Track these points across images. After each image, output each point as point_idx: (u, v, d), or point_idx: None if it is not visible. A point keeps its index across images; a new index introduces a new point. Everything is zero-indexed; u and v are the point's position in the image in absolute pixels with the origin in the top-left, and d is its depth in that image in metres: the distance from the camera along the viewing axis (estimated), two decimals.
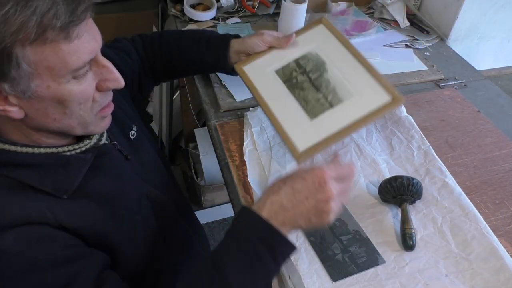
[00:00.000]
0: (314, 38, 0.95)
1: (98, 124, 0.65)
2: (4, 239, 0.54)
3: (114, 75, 0.61)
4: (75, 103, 0.58)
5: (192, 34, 1.02)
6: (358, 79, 0.85)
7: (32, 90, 0.54)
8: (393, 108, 0.81)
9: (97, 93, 0.61)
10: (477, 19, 1.36)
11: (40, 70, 0.53)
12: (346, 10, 1.45)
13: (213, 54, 0.97)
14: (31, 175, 0.60)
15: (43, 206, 0.59)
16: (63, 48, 0.53)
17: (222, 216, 1.96)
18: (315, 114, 0.84)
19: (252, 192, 0.83)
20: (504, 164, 0.93)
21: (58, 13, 0.50)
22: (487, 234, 0.75)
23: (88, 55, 0.56)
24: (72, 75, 0.55)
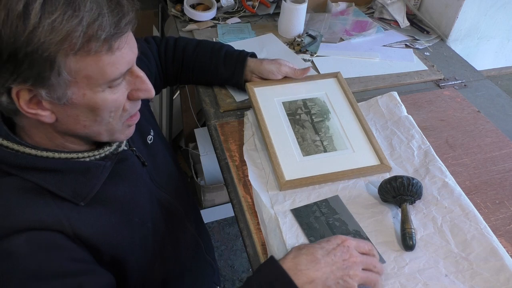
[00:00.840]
0: (326, 87, 1.02)
1: (124, 132, 0.66)
2: (14, 240, 0.54)
3: (147, 86, 0.62)
4: (107, 111, 0.59)
5: (209, 45, 1.04)
6: (356, 137, 0.91)
7: (68, 97, 0.54)
8: (378, 172, 0.86)
9: (127, 102, 0.62)
10: (477, 19, 1.36)
11: (78, 79, 0.53)
12: (346, 10, 1.45)
13: (228, 69, 1.00)
14: (51, 180, 0.60)
15: (60, 213, 0.59)
16: (104, 59, 0.53)
17: (222, 216, 1.96)
18: (308, 152, 0.89)
19: (252, 192, 0.83)
20: (504, 164, 0.93)
21: (103, 25, 0.51)
22: (487, 234, 0.75)
23: (126, 66, 0.57)
24: (109, 85, 0.57)
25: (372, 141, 0.90)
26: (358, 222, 0.77)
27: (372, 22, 1.37)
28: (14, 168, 0.58)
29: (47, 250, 0.56)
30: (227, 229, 1.94)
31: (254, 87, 0.99)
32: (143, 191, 0.74)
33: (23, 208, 0.56)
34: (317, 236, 0.74)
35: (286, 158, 0.87)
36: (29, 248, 0.55)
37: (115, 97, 0.58)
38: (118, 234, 0.66)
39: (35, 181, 0.59)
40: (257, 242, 0.76)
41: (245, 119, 0.98)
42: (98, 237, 0.62)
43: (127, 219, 0.68)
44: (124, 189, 0.69)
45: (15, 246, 0.54)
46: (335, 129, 0.93)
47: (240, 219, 0.80)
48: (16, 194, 0.57)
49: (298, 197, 0.81)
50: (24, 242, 0.55)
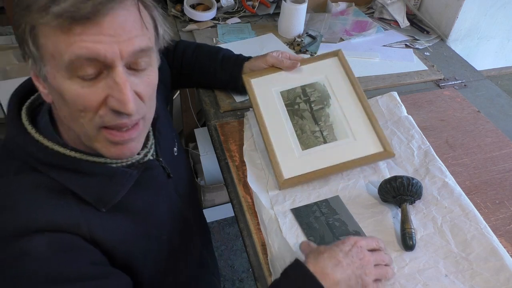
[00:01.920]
0: (325, 69, 0.96)
1: (105, 146, 0.58)
2: (33, 241, 0.53)
3: (122, 96, 0.52)
4: (74, 107, 0.54)
5: (208, 49, 1.04)
6: (357, 122, 0.88)
7: (44, 74, 0.53)
8: (382, 159, 0.83)
9: (104, 108, 0.54)
10: (477, 19, 1.36)
11: (46, 56, 0.52)
12: (346, 10, 1.45)
13: (226, 74, 0.99)
14: (77, 182, 0.59)
15: (81, 216, 0.58)
16: (60, 37, 0.50)
17: (222, 216, 1.96)
18: (308, 145, 0.86)
19: (252, 192, 0.83)
20: (504, 164, 0.93)
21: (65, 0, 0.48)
22: (487, 234, 0.75)
23: (86, 53, 0.50)
24: (72, 71, 0.51)
25: (374, 125, 0.87)
26: (358, 222, 0.77)
27: (372, 22, 1.37)
28: (40, 165, 0.58)
29: (66, 252, 0.55)
30: (227, 229, 1.94)
31: (251, 79, 0.96)
32: (163, 202, 0.73)
33: (45, 208, 0.56)
34: (316, 236, 0.74)
35: (284, 154, 0.85)
36: (49, 250, 0.54)
37: (83, 91, 0.52)
38: (134, 244, 0.65)
39: (61, 181, 0.58)
40: (257, 242, 0.76)
41: (245, 120, 0.98)
42: (115, 245, 0.61)
43: (144, 230, 0.67)
44: (145, 199, 0.68)
45: (34, 247, 0.53)
46: (336, 116, 0.89)
47: (240, 219, 0.80)
48: (37, 192, 0.57)
49: (298, 197, 0.81)
50: (44, 243, 0.54)
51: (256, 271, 0.73)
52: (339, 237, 0.75)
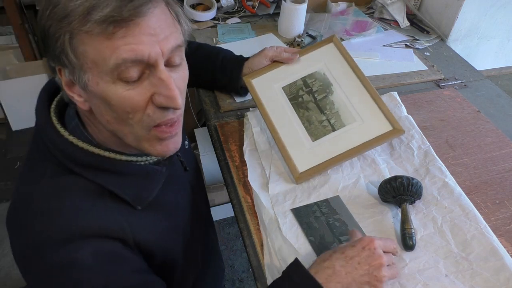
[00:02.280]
0: (323, 57, 0.95)
1: (153, 145, 0.59)
2: (79, 249, 0.54)
3: (169, 92, 0.53)
4: (122, 110, 0.54)
5: (207, 50, 1.04)
6: (362, 104, 0.87)
7: (85, 82, 0.53)
8: (392, 137, 0.83)
9: (151, 106, 0.55)
10: (477, 19, 1.36)
11: (88, 64, 0.52)
12: (346, 10, 1.45)
13: (225, 76, 1.00)
14: (114, 182, 0.59)
15: (122, 218, 0.59)
16: (104, 43, 0.50)
17: (222, 216, 1.96)
18: (317, 136, 0.86)
19: (252, 192, 0.83)
20: (504, 164, 0.92)
21: (102, 6, 0.49)
22: (487, 234, 0.75)
23: (131, 54, 0.50)
24: (117, 75, 0.51)
25: (379, 105, 0.86)
26: (358, 222, 0.77)
27: (372, 22, 1.37)
28: (76, 165, 0.58)
29: (111, 263, 0.56)
30: (227, 229, 1.94)
31: (251, 79, 0.96)
32: (183, 196, 0.75)
33: (88, 212, 0.56)
34: (316, 236, 0.74)
35: (296, 149, 0.85)
36: (94, 260, 0.54)
37: (129, 94, 0.53)
38: (169, 239, 0.67)
39: (98, 182, 0.58)
40: (257, 242, 0.76)
41: (245, 120, 0.98)
42: (154, 242, 0.63)
43: (174, 224, 0.69)
44: (171, 193, 0.70)
45: (80, 257, 0.53)
46: (340, 102, 0.88)
47: (240, 219, 0.80)
48: (80, 195, 0.57)
49: (298, 197, 0.81)
50: (90, 253, 0.54)
51: (256, 271, 0.73)
52: (339, 237, 0.75)
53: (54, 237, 0.54)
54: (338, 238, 0.75)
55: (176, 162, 0.73)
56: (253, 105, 1.03)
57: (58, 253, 0.53)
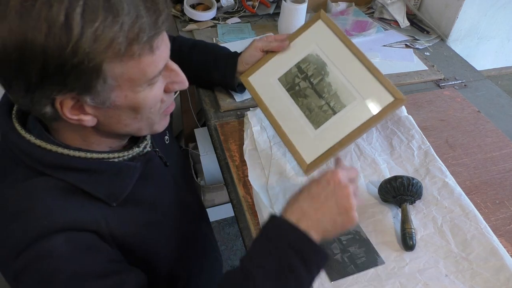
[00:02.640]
0: (313, 37, 0.91)
1: (161, 122, 0.65)
2: (53, 241, 0.54)
3: (181, 78, 0.62)
4: (147, 108, 0.59)
5: (203, 47, 1.03)
6: (360, 79, 0.83)
7: (111, 100, 0.54)
8: (395, 108, 0.79)
9: (164, 94, 0.61)
10: (477, 19, 1.36)
11: (121, 82, 0.53)
12: (346, 10, 1.45)
13: (220, 72, 0.99)
14: (86, 180, 0.60)
15: (97, 212, 0.59)
16: (146, 60, 0.53)
17: (222, 216, 1.96)
18: (319, 123, 0.83)
19: (252, 192, 0.83)
20: (504, 164, 0.93)
21: (143, 26, 0.50)
22: (487, 234, 0.75)
23: (163, 63, 0.57)
24: (149, 83, 0.56)
25: (377, 76, 0.82)
26: (358, 222, 0.77)
27: (372, 22, 1.37)
28: (48, 168, 0.58)
29: (86, 251, 0.57)
30: (227, 229, 1.94)
31: (248, 77, 0.95)
32: (166, 190, 0.76)
33: (60, 208, 0.57)
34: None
35: (300, 140, 0.84)
36: (69, 248, 0.55)
37: (154, 93, 0.58)
38: (147, 233, 0.67)
39: (69, 181, 0.59)
40: None
41: (245, 119, 0.98)
42: (132, 236, 0.63)
43: (154, 219, 0.69)
44: (150, 189, 0.70)
45: (55, 247, 0.54)
46: (337, 81, 0.85)
47: (240, 219, 0.80)
48: (52, 194, 0.57)
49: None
50: (63, 242, 0.55)
51: None
52: (339, 237, 0.75)
53: (28, 235, 0.54)
54: (337, 238, 0.75)
55: (154, 158, 0.72)
56: (253, 105, 1.03)
57: (32, 248, 0.53)
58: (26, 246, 0.54)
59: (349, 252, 0.73)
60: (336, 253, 0.73)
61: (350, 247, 0.74)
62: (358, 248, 0.73)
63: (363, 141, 0.93)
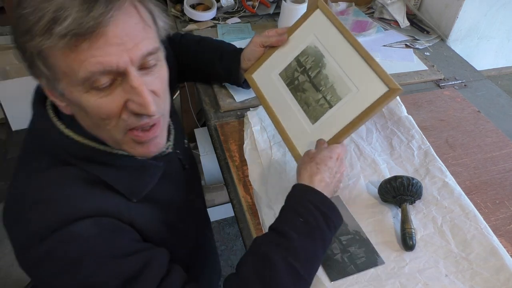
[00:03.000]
0: (312, 28, 0.89)
1: (133, 147, 0.59)
2: (80, 225, 0.55)
3: (141, 99, 0.53)
4: (97, 117, 0.54)
5: (209, 43, 1.03)
6: (355, 70, 0.80)
7: (61, 91, 0.54)
8: (391, 98, 0.76)
9: (126, 111, 0.55)
10: (477, 19, 1.36)
11: (59, 75, 0.52)
12: (346, 10, 1.45)
13: (225, 68, 0.99)
14: (109, 174, 0.61)
15: (120, 203, 0.60)
16: (70, 56, 0.50)
17: (222, 216, 1.96)
18: (316, 117, 0.82)
19: (252, 192, 0.83)
20: (504, 164, 0.93)
21: (65, 18, 0.47)
22: (487, 234, 0.75)
23: (99, 68, 0.50)
24: (89, 85, 0.51)
25: (371, 65, 0.79)
26: (358, 222, 0.77)
27: (372, 22, 1.37)
28: (74, 158, 0.59)
29: (112, 232, 0.58)
30: (227, 229, 1.94)
31: (251, 75, 0.95)
32: (182, 193, 0.76)
33: (86, 197, 0.57)
34: None
35: (298, 136, 0.84)
36: (96, 230, 0.56)
37: (102, 102, 0.53)
38: (160, 233, 0.68)
39: (95, 173, 0.59)
40: None
41: (245, 119, 0.98)
42: (148, 232, 0.64)
43: (169, 219, 0.70)
44: (167, 189, 0.71)
45: (82, 230, 0.55)
46: (334, 73, 0.82)
47: (240, 219, 0.80)
48: (78, 183, 0.58)
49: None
50: (90, 225, 0.55)
51: None
52: (339, 237, 0.75)
53: (52, 222, 0.54)
54: (337, 238, 0.75)
55: (174, 160, 0.73)
56: (253, 105, 1.03)
57: (57, 233, 0.54)
58: (51, 232, 0.54)
59: (349, 252, 0.73)
60: (336, 253, 0.73)
61: (350, 247, 0.73)
62: (358, 248, 0.73)
63: (363, 141, 0.93)
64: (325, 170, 0.70)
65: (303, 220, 0.64)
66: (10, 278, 1.63)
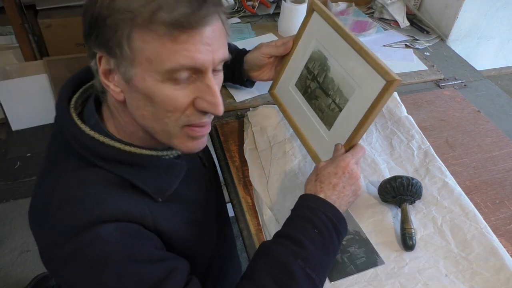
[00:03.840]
0: (313, 32, 0.88)
1: (184, 142, 0.62)
2: (104, 228, 0.55)
3: (214, 99, 0.57)
4: (163, 108, 0.56)
5: None
6: (355, 66, 0.79)
7: (131, 76, 0.54)
8: (391, 90, 0.73)
9: (191, 108, 0.58)
10: (477, 19, 1.36)
11: (140, 59, 0.53)
12: (346, 10, 1.45)
13: (229, 70, 0.99)
14: (135, 175, 0.61)
15: (144, 206, 0.60)
16: (166, 45, 0.52)
17: None
18: (330, 123, 0.82)
19: (253, 192, 0.83)
20: (504, 164, 0.93)
21: (173, 10, 0.50)
22: (487, 234, 0.75)
23: (189, 61, 0.53)
24: (168, 76, 0.54)
25: (366, 59, 0.76)
26: (358, 223, 0.77)
27: (372, 22, 1.37)
28: (100, 160, 0.59)
29: (135, 238, 0.58)
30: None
31: (274, 90, 0.95)
32: (206, 191, 0.77)
33: (110, 199, 0.58)
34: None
35: (319, 146, 0.83)
36: (119, 234, 0.56)
37: (175, 94, 0.55)
38: (189, 231, 0.68)
39: (120, 173, 0.60)
40: (257, 243, 0.76)
41: (245, 119, 0.98)
42: (174, 233, 0.64)
43: (195, 217, 0.71)
44: (190, 188, 0.71)
45: (105, 233, 0.55)
46: (338, 75, 0.81)
47: (240, 219, 0.80)
48: (102, 185, 0.59)
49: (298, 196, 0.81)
50: (114, 230, 0.56)
51: None
52: None
53: (78, 223, 0.55)
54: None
55: (195, 158, 0.75)
56: (253, 105, 1.03)
57: (84, 234, 0.54)
58: (77, 233, 0.54)
59: (349, 253, 0.73)
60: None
61: (350, 247, 0.73)
62: (358, 248, 0.73)
63: (362, 142, 0.93)
64: (329, 188, 0.69)
65: (317, 231, 0.64)
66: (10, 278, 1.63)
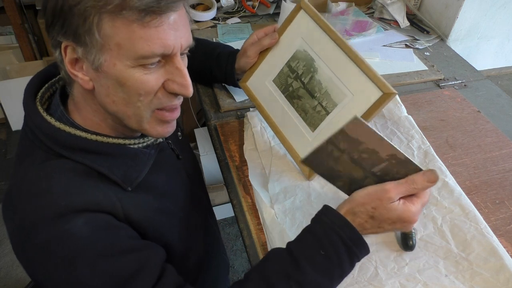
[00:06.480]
0: (299, 31, 0.86)
1: (154, 126, 0.63)
2: (73, 222, 0.55)
3: (184, 81, 0.59)
4: (135, 93, 0.57)
5: (205, 45, 1.04)
6: (347, 74, 0.78)
7: (100, 62, 0.55)
8: (386, 102, 0.74)
9: (162, 91, 0.60)
10: (477, 19, 1.36)
11: (110, 45, 0.53)
12: (346, 10, 1.45)
13: (221, 71, 1.00)
14: (103, 163, 0.61)
15: (113, 195, 0.60)
16: (136, 31, 0.53)
17: (222, 216, 1.96)
18: (315, 125, 0.81)
19: (253, 192, 0.83)
20: (504, 164, 0.93)
21: None
22: (487, 234, 0.75)
23: (160, 48, 0.55)
24: (139, 62, 0.55)
25: (362, 68, 0.76)
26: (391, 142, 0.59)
27: (372, 22, 1.37)
28: (66, 150, 0.60)
29: (106, 230, 0.58)
30: (227, 229, 1.94)
31: (246, 83, 0.94)
32: (178, 181, 0.77)
33: (78, 190, 0.58)
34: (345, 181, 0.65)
35: (301, 146, 0.83)
36: (89, 229, 0.56)
37: (146, 78, 0.56)
38: (159, 221, 0.68)
39: (87, 163, 0.60)
40: (257, 242, 0.76)
41: (245, 119, 0.98)
42: (144, 221, 0.64)
43: (165, 207, 0.71)
44: (162, 177, 0.71)
45: (75, 228, 0.55)
46: (326, 78, 0.80)
47: (240, 219, 0.80)
48: (69, 175, 0.58)
49: (298, 196, 0.81)
50: (83, 223, 0.55)
51: None
52: (372, 170, 0.62)
53: (46, 215, 0.55)
54: (371, 172, 0.62)
55: (166, 149, 0.75)
56: (253, 105, 1.03)
57: (51, 228, 0.54)
58: (44, 227, 0.54)
59: None
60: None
61: None
62: None
63: None
64: (374, 226, 0.62)
65: (324, 253, 0.59)
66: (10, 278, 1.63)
